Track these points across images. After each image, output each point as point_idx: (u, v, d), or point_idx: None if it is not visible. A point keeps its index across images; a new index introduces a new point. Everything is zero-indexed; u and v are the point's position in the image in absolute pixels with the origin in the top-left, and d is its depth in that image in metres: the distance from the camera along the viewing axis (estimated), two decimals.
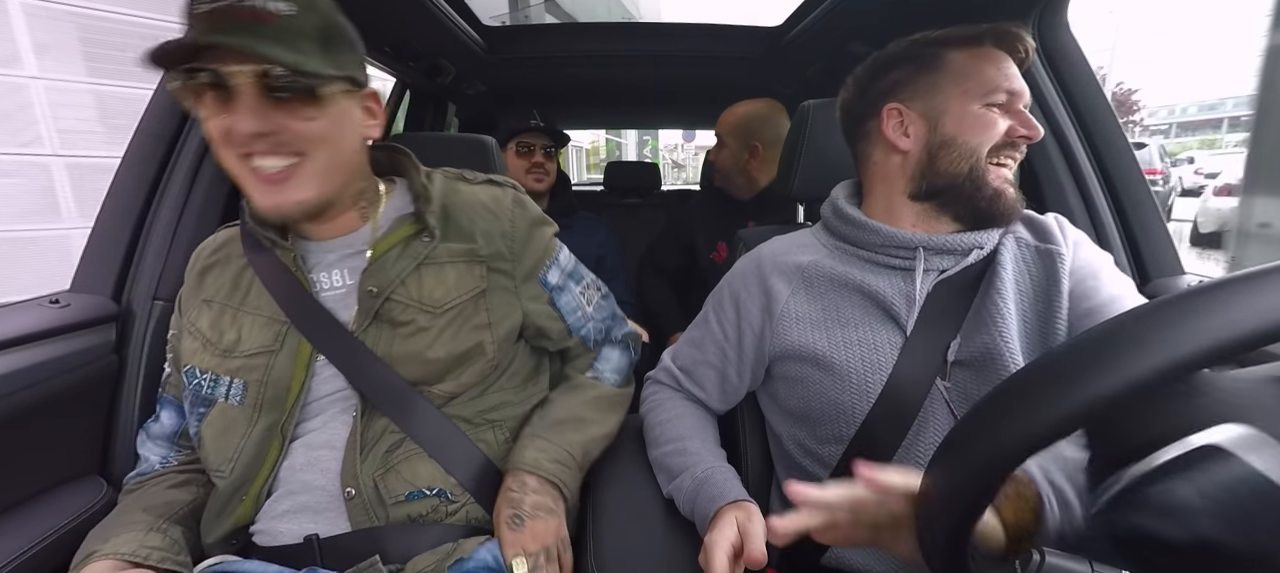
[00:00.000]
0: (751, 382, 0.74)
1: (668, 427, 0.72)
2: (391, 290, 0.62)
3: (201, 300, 0.65)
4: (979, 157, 0.60)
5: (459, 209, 0.67)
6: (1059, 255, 0.60)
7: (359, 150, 0.62)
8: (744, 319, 0.71)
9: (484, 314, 0.66)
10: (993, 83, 0.60)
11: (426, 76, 1.49)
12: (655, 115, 2.49)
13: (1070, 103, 0.84)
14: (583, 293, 0.77)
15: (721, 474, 0.64)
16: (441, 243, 0.65)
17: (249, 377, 0.61)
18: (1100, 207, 0.81)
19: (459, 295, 0.64)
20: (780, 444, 0.72)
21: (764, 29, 1.45)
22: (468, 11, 1.27)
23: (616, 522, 0.66)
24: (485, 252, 0.67)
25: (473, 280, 0.66)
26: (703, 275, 1.51)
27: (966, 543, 0.32)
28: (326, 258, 0.65)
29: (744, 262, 0.75)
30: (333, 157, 0.58)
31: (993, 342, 0.58)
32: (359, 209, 0.66)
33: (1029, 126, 0.60)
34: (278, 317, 0.62)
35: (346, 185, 0.62)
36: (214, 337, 0.63)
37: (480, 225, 0.67)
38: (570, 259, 0.77)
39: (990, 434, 0.28)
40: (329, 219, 0.64)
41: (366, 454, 0.61)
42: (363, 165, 0.64)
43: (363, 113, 0.61)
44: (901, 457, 0.60)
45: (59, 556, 0.68)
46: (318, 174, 0.57)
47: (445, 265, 0.65)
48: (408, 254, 0.64)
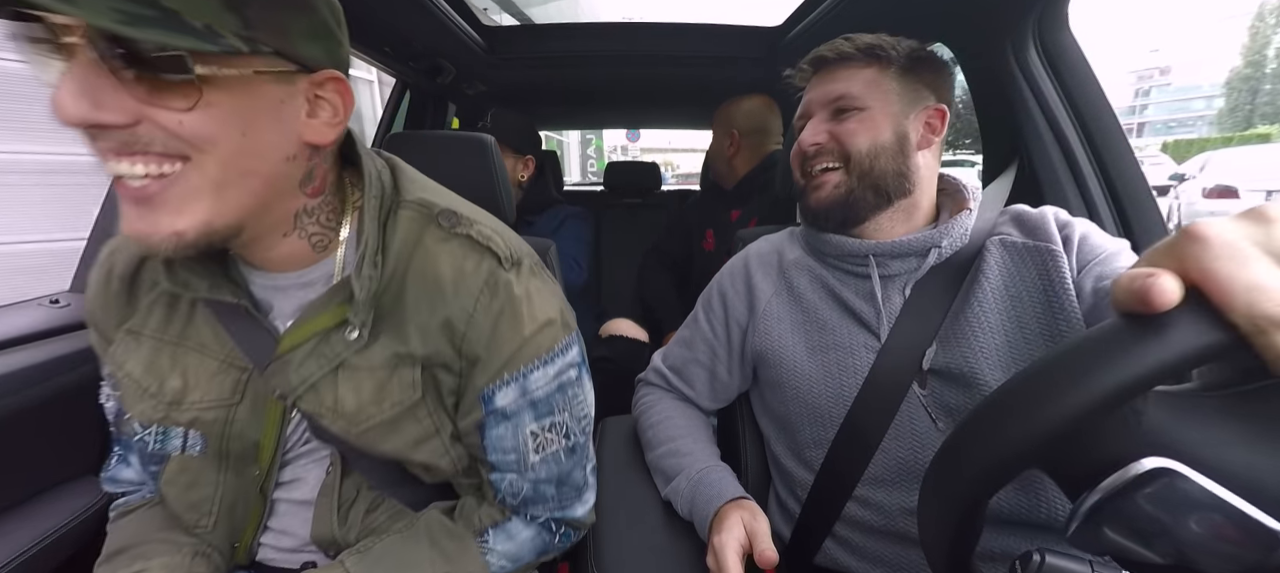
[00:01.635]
0: (741, 380, 0.74)
1: (660, 428, 0.72)
2: (297, 397, 0.48)
3: (126, 331, 0.49)
4: (799, 182, 0.69)
5: (410, 279, 0.48)
6: (1052, 253, 0.56)
7: (294, 159, 0.42)
8: (731, 314, 0.72)
9: (425, 423, 0.50)
10: (795, 118, 0.70)
11: (426, 76, 1.50)
12: (655, 115, 2.49)
13: (1070, 103, 0.83)
14: (535, 434, 0.52)
15: (717, 473, 0.64)
16: (368, 344, 0.48)
17: (207, 430, 0.49)
18: (1100, 207, 0.80)
19: (379, 413, 0.48)
20: (771, 449, 0.73)
21: (764, 29, 1.44)
22: (468, 11, 1.28)
23: (616, 523, 0.65)
24: (421, 351, 0.48)
25: (398, 391, 0.48)
26: (697, 267, 1.54)
27: (970, 553, 0.32)
28: (281, 299, 0.50)
29: (733, 260, 0.76)
30: (231, 166, 0.38)
31: (969, 353, 0.57)
32: (307, 237, 0.47)
33: (801, 141, 0.67)
34: (235, 359, 0.49)
35: (266, 208, 0.43)
36: (151, 384, 0.48)
37: (421, 314, 0.48)
38: (548, 380, 0.51)
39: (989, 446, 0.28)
40: (259, 249, 0.47)
41: (345, 514, 0.53)
42: (299, 179, 0.44)
43: (308, 105, 0.42)
44: (880, 460, 0.60)
45: (59, 556, 0.69)
46: (205, 192, 0.38)
47: (362, 373, 0.48)
48: (320, 354, 0.47)
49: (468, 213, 0.52)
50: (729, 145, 1.40)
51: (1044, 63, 0.84)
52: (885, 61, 0.62)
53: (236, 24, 0.35)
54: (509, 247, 0.51)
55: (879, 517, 0.60)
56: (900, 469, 0.59)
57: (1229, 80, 39.36)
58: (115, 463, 0.58)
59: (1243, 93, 38.01)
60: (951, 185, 0.68)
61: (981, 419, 0.28)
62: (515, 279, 0.50)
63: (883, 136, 0.62)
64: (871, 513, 0.60)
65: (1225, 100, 39.59)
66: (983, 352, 0.56)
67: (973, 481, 0.28)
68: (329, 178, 0.48)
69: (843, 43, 0.64)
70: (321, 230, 0.48)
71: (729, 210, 1.40)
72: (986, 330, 0.57)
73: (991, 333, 0.57)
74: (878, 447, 0.59)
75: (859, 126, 0.62)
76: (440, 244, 0.49)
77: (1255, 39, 37.70)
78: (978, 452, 0.28)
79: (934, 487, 0.32)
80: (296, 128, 0.42)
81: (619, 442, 0.79)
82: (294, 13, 0.39)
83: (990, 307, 0.58)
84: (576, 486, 0.57)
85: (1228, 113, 38.81)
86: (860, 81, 0.63)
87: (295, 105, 0.41)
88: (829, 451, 0.62)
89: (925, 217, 0.66)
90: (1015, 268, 0.59)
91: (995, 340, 0.56)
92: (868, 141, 0.62)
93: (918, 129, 0.63)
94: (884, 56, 0.62)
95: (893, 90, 0.62)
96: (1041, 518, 0.55)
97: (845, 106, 0.63)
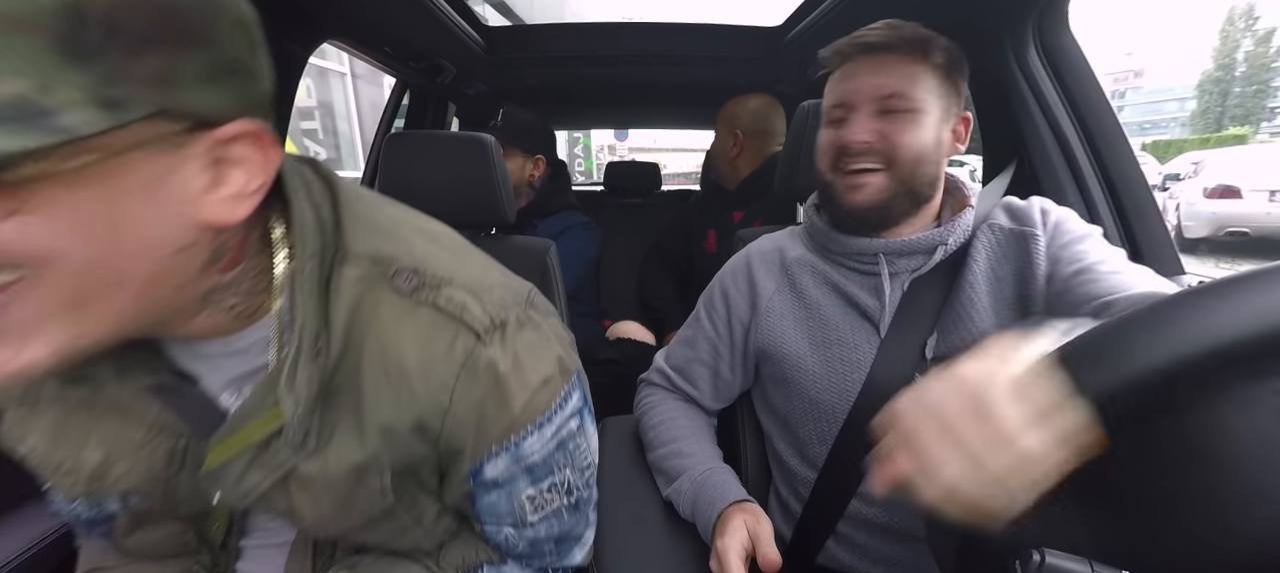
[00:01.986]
0: (743, 379, 0.74)
1: (662, 429, 0.72)
2: (246, 506, 0.41)
3: (15, 400, 0.40)
4: (827, 176, 0.65)
5: (366, 362, 0.38)
6: (1032, 236, 0.58)
7: (190, 249, 0.31)
8: (733, 313, 0.72)
9: (404, 519, 0.44)
10: (827, 101, 0.65)
11: (426, 76, 1.49)
12: (655, 115, 2.50)
13: (1070, 103, 0.83)
14: (532, 497, 0.45)
15: (719, 475, 0.64)
16: (318, 450, 0.38)
17: (149, 492, 0.41)
18: (1100, 207, 0.81)
19: (345, 521, 0.42)
20: (773, 446, 0.73)
21: (764, 29, 1.45)
22: (468, 11, 1.27)
23: (617, 522, 0.65)
24: (387, 457, 0.40)
25: (366, 499, 0.40)
26: (698, 267, 1.53)
27: (973, 548, 0.32)
28: (208, 369, 0.40)
29: (734, 258, 0.76)
30: (87, 279, 0.28)
31: (967, 337, 0.58)
32: (225, 310, 0.36)
33: (845, 134, 0.62)
34: (165, 424, 0.39)
35: (156, 309, 0.32)
36: (65, 460, 0.39)
37: (385, 410, 0.38)
38: (544, 443, 0.43)
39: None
40: (165, 332, 0.36)
41: (321, 562, 0.47)
42: (202, 263, 0.33)
43: (209, 174, 0.30)
44: None
45: (59, 556, 0.68)
46: (56, 313, 0.28)
47: (317, 483, 0.39)
48: (261, 465, 0.38)
49: (434, 263, 0.41)
50: (732, 146, 1.39)
51: (1044, 63, 0.85)
52: (932, 59, 0.59)
53: (87, 82, 0.24)
54: (487, 310, 0.40)
55: (883, 514, 0.60)
56: None
57: (1201, 83, 40.41)
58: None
59: (1213, 95, 39.00)
60: (951, 182, 0.68)
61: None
62: (500, 351, 0.40)
63: (928, 141, 0.60)
64: (876, 511, 0.61)
65: (1197, 102, 40.60)
66: (979, 334, 0.57)
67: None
68: (249, 240, 0.36)
69: (890, 30, 0.60)
70: (244, 299, 0.37)
71: (731, 211, 1.40)
72: (979, 313, 0.58)
73: (983, 315, 0.58)
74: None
75: (909, 129, 0.59)
76: (401, 321, 0.38)
77: (1225, 43, 38.72)
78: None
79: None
80: (190, 209, 0.30)
81: (620, 442, 0.79)
82: (184, 51, 0.27)
83: (980, 290, 0.59)
84: (577, 537, 0.51)
85: (1199, 115, 39.79)
86: (910, 78, 0.59)
87: (186, 178, 0.29)
88: (832, 447, 0.62)
89: (932, 215, 0.66)
90: (1000, 251, 0.61)
91: (987, 322, 0.58)
92: (917, 145, 0.59)
93: (948, 136, 0.62)
94: (931, 53, 0.59)
95: (936, 91, 0.60)
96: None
97: (896, 107, 0.59)
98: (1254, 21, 37.37)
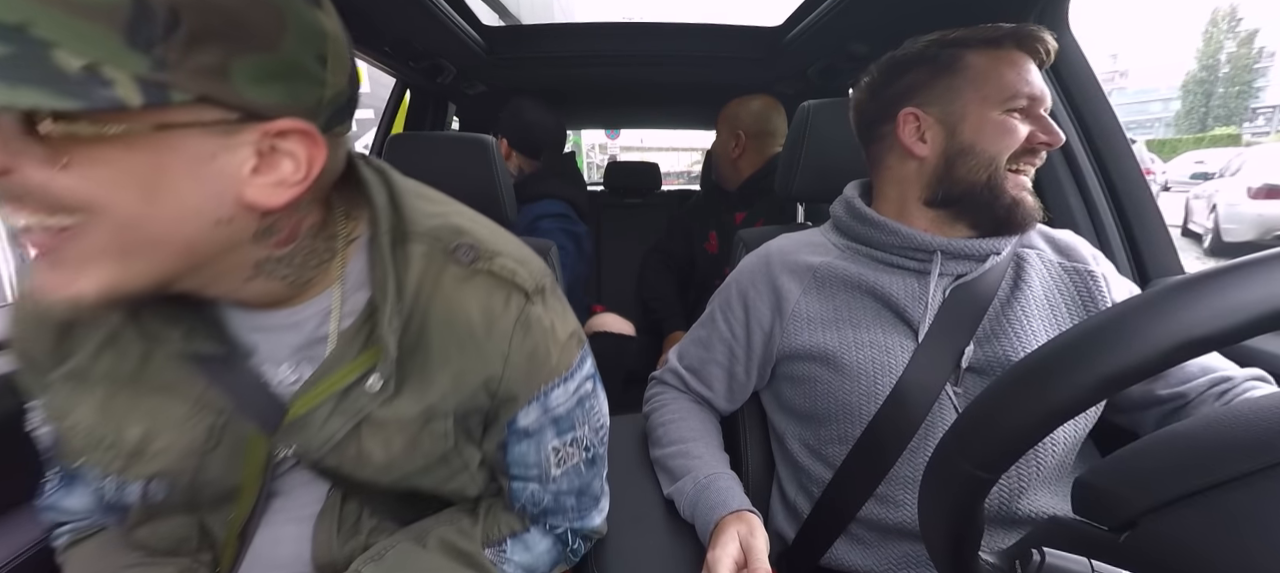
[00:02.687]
0: (758, 381, 0.74)
1: (671, 428, 0.72)
2: (320, 457, 0.44)
3: (67, 375, 0.42)
4: (998, 165, 0.59)
5: (433, 331, 0.44)
6: (1093, 275, 0.61)
7: (229, 223, 0.34)
8: (753, 318, 0.70)
9: (455, 463, 0.48)
10: (1013, 88, 0.59)
11: (426, 76, 1.49)
12: (655, 115, 2.50)
13: (1070, 104, 0.84)
14: (557, 449, 0.51)
15: (723, 481, 0.63)
16: (394, 396, 0.44)
17: (173, 480, 0.43)
18: (1100, 208, 0.82)
19: (411, 464, 0.46)
20: (783, 445, 0.72)
21: (764, 29, 1.45)
22: (468, 11, 1.27)
23: (617, 522, 0.65)
24: (453, 403, 0.45)
25: (430, 442, 0.46)
26: (700, 268, 1.53)
27: (973, 547, 0.32)
28: (266, 340, 0.44)
29: (751, 260, 0.74)
30: (130, 234, 0.32)
31: (1011, 352, 0.58)
32: (278, 280, 0.40)
33: (1050, 132, 0.59)
34: (208, 401, 0.42)
35: (199, 269, 0.36)
36: (107, 434, 0.42)
37: (452, 363, 0.44)
38: (568, 397, 0.50)
39: (983, 434, 0.29)
40: (218, 294, 0.40)
41: (346, 536, 0.49)
42: (251, 235, 0.36)
43: (257, 160, 0.34)
44: (907, 460, 0.60)
45: None
46: (105, 255, 0.32)
47: (391, 427, 0.44)
48: (342, 412, 0.43)
49: (481, 236, 0.47)
50: (734, 147, 1.39)
51: None
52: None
53: (143, 66, 0.28)
54: (531, 275, 0.48)
55: (897, 515, 0.60)
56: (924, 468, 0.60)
57: (1185, 83, 41.03)
58: (55, 491, 0.50)
59: (1197, 96, 39.58)
60: None
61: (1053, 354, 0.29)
62: (543, 310, 0.48)
63: None
64: (890, 511, 0.61)
65: (1181, 103, 41.26)
66: (1026, 350, 0.57)
67: (978, 465, 0.29)
68: (305, 222, 0.40)
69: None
70: (297, 271, 0.41)
71: (733, 212, 1.40)
72: (1030, 332, 0.59)
73: (1035, 335, 0.59)
74: (906, 446, 0.59)
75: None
76: (463, 285, 0.45)
77: (1209, 44, 39.32)
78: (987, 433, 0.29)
79: (936, 472, 0.32)
80: (233, 187, 0.33)
81: (620, 443, 0.78)
82: (241, 50, 0.31)
83: (1033, 312, 0.60)
84: (594, 495, 0.57)
85: (1184, 115, 40.38)
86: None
87: (234, 160, 0.33)
88: (853, 447, 0.62)
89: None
90: (1053, 282, 0.62)
91: (1038, 342, 0.57)
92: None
93: None
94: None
95: None
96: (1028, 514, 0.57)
97: (1045, 111, 0.61)
98: (1236, 23, 37.99)
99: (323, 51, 0.34)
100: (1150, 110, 54.74)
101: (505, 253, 0.47)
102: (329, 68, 0.35)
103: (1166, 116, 49.57)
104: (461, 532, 0.51)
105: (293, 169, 0.35)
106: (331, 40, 0.35)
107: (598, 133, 12.42)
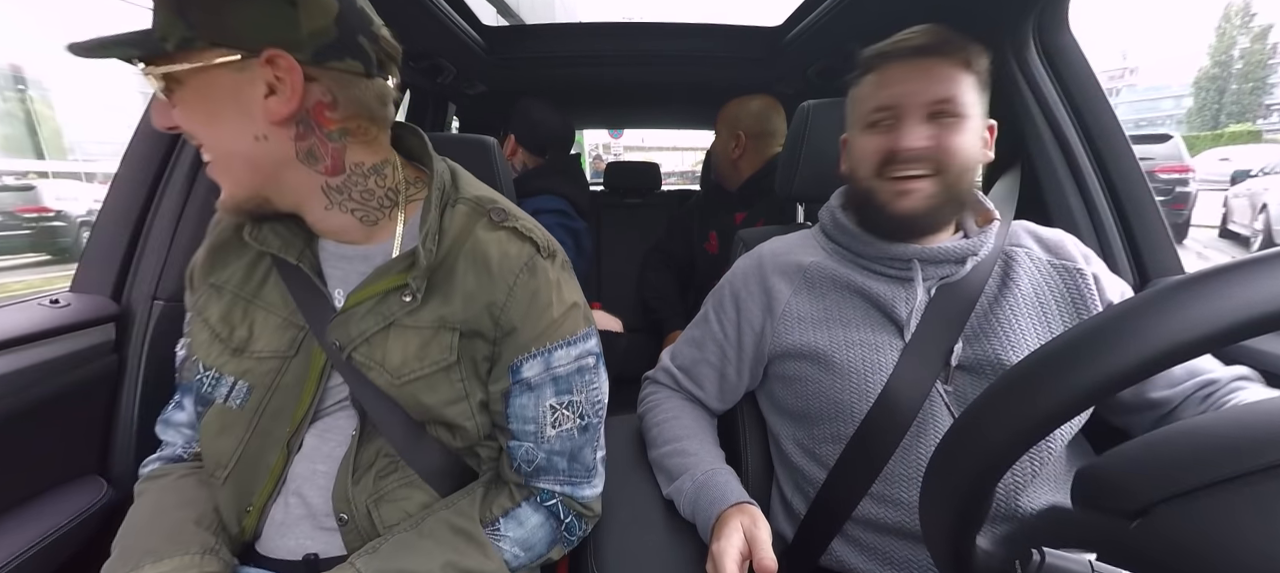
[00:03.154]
0: (750, 381, 0.74)
1: (666, 427, 0.72)
2: (353, 348, 0.54)
3: (211, 285, 0.58)
4: (870, 181, 0.63)
5: (459, 259, 0.55)
6: (1082, 274, 0.60)
7: (266, 139, 0.48)
8: (744, 318, 0.71)
9: (457, 385, 0.56)
10: (868, 104, 0.63)
11: (426, 76, 1.49)
12: (655, 115, 2.50)
13: (1070, 103, 0.84)
14: (553, 408, 0.57)
15: (722, 477, 0.64)
16: (418, 307, 0.55)
17: (256, 381, 0.56)
18: (1100, 207, 0.81)
19: (419, 368, 0.54)
20: (779, 446, 0.72)
21: (764, 29, 1.45)
22: (468, 11, 1.27)
23: (617, 522, 0.66)
24: (459, 318, 0.55)
25: (437, 351, 0.55)
26: (700, 268, 1.53)
27: (972, 544, 0.32)
28: (342, 269, 0.57)
29: (744, 261, 0.75)
30: (217, 150, 0.49)
31: (1001, 350, 0.58)
32: (349, 212, 0.54)
33: (895, 140, 0.60)
34: (295, 319, 0.56)
35: (271, 183, 0.51)
36: (223, 331, 0.56)
37: (468, 285, 0.55)
38: (570, 361, 0.57)
39: (985, 432, 0.29)
40: (310, 217, 0.55)
41: (359, 478, 0.56)
42: (296, 156, 0.50)
43: (268, 88, 0.46)
44: (900, 457, 0.60)
45: (59, 556, 0.69)
46: (218, 170, 0.50)
47: (409, 331, 0.55)
48: (377, 313, 0.55)
49: (513, 210, 0.60)
50: (734, 147, 1.39)
51: (1044, 63, 0.85)
52: (974, 66, 0.59)
53: (182, 28, 0.43)
54: (546, 241, 0.59)
55: (894, 514, 0.60)
56: (919, 467, 0.59)
57: (1197, 80, 40.51)
58: (172, 408, 0.65)
59: (1210, 92, 39.10)
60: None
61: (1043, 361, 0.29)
62: (551, 266, 0.58)
63: (975, 147, 0.60)
64: (886, 511, 0.60)
65: (1194, 100, 40.78)
66: (1015, 348, 0.58)
67: (979, 464, 0.29)
68: (350, 159, 0.53)
69: (936, 32, 0.59)
70: (363, 207, 0.55)
71: (733, 213, 1.39)
72: (1018, 331, 0.59)
73: (1023, 333, 0.59)
74: (898, 444, 0.60)
75: (960, 134, 0.59)
76: (489, 232, 0.57)
77: (1222, 40, 38.78)
78: (1049, 385, 0.28)
79: (938, 472, 0.33)
80: (257, 108, 0.47)
81: (619, 443, 0.79)
82: (233, 5, 0.44)
83: (1022, 310, 0.60)
84: (586, 465, 0.61)
85: (1196, 112, 39.90)
86: (959, 83, 0.58)
87: (253, 90, 0.46)
88: (846, 447, 0.62)
89: (956, 224, 0.66)
90: (1043, 280, 0.61)
91: (1027, 340, 0.58)
92: (967, 154, 0.59)
93: (982, 143, 0.63)
94: (973, 60, 0.59)
95: (977, 97, 0.60)
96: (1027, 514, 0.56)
97: (949, 111, 0.58)
98: (1250, 18, 37.47)
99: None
100: (1162, 107, 54.14)
101: (526, 221, 0.60)
102: (300, 9, 0.46)
103: (1178, 114, 48.99)
104: (460, 512, 0.56)
105: (289, 92, 0.47)
106: None
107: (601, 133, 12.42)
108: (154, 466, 0.62)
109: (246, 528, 0.57)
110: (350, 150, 0.53)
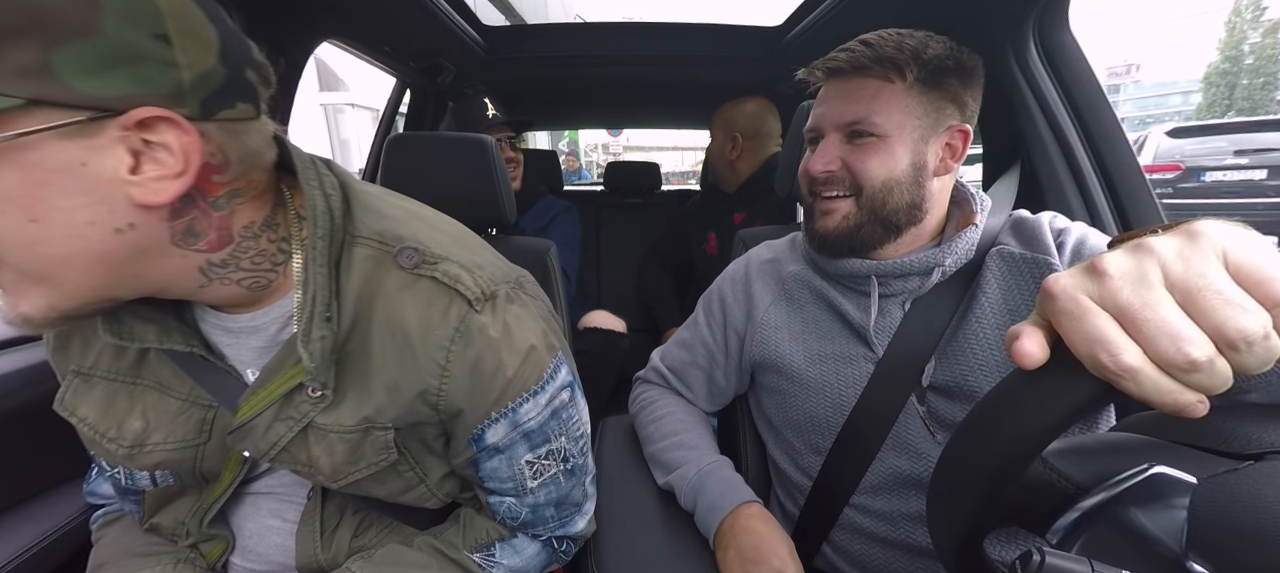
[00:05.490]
0: (738, 385, 0.74)
1: (662, 423, 0.72)
2: (273, 455, 0.45)
3: (74, 372, 0.45)
4: (806, 201, 0.65)
5: (375, 328, 0.43)
6: (1048, 265, 0.55)
7: (132, 230, 0.33)
8: (729, 321, 0.72)
9: (408, 476, 0.48)
10: (805, 126, 0.64)
11: (426, 76, 1.49)
12: (655, 115, 2.49)
13: (1070, 102, 0.83)
14: (531, 462, 0.50)
15: (726, 471, 0.64)
16: (333, 404, 0.43)
17: (175, 466, 0.46)
18: (1100, 206, 0.80)
19: (356, 471, 0.45)
20: (769, 454, 0.73)
21: (764, 29, 1.44)
22: (468, 11, 1.27)
23: (616, 519, 0.66)
24: (388, 416, 0.44)
25: (372, 453, 0.45)
26: (699, 270, 1.53)
27: (979, 547, 0.32)
28: (233, 343, 0.45)
29: (735, 265, 0.76)
30: (32, 256, 0.32)
31: (967, 372, 0.56)
32: (235, 284, 0.40)
33: (809, 163, 0.62)
34: (197, 397, 0.45)
35: (128, 279, 0.36)
36: (109, 428, 0.44)
37: (388, 372, 0.43)
38: (540, 410, 0.48)
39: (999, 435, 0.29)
40: (183, 296, 0.40)
41: (329, 539, 0.50)
42: (169, 240, 0.35)
43: (132, 158, 0.32)
44: (878, 469, 0.60)
45: (59, 556, 0.69)
46: (25, 281, 0.33)
47: (331, 435, 0.44)
48: (285, 418, 0.43)
49: (433, 243, 0.45)
50: (732, 149, 1.39)
51: (1044, 62, 0.84)
52: (906, 75, 0.56)
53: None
54: (479, 283, 0.45)
55: (877, 524, 0.60)
56: (898, 479, 0.59)
57: (1207, 75, 40.06)
58: (94, 477, 0.57)
59: (1220, 88, 38.67)
60: (960, 194, 0.64)
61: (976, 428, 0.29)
62: (490, 319, 0.44)
63: (899, 168, 0.57)
64: (870, 520, 0.60)
65: (1203, 95, 40.34)
66: (981, 368, 0.55)
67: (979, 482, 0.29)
68: (239, 224, 0.39)
69: (861, 49, 0.57)
70: (252, 274, 0.41)
71: (732, 214, 1.40)
72: (984, 346, 0.55)
73: (990, 349, 0.55)
74: (875, 457, 0.59)
75: (875, 157, 0.57)
76: (403, 291, 0.43)
77: (1232, 34, 38.33)
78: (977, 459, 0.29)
79: (942, 484, 0.32)
80: (116, 191, 0.32)
81: (617, 442, 0.79)
82: (55, 41, 0.28)
83: (988, 323, 0.56)
84: (576, 503, 0.56)
85: (1206, 108, 39.55)
86: (879, 103, 0.56)
87: (107, 163, 0.31)
88: (826, 458, 0.62)
89: (931, 233, 0.63)
90: (1014, 281, 0.57)
91: (994, 356, 0.55)
92: (883, 174, 0.57)
93: (937, 154, 0.58)
94: (904, 68, 0.56)
95: (913, 111, 0.56)
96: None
97: (863, 131, 0.57)
98: (1261, 13, 37.02)
99: (160, 29, 0.30)
100: (1169, 104, 53.57)
101: (452, 258, 0.45)
102: (176, 46, 0.31)
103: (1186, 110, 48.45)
104: (448, 543, 0.53)
105: (172, 161, 0.32)
106: (171, 17, 0.31)
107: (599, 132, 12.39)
108: (104, 514, 0.57)
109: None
110: (238, 214, 0.39)
